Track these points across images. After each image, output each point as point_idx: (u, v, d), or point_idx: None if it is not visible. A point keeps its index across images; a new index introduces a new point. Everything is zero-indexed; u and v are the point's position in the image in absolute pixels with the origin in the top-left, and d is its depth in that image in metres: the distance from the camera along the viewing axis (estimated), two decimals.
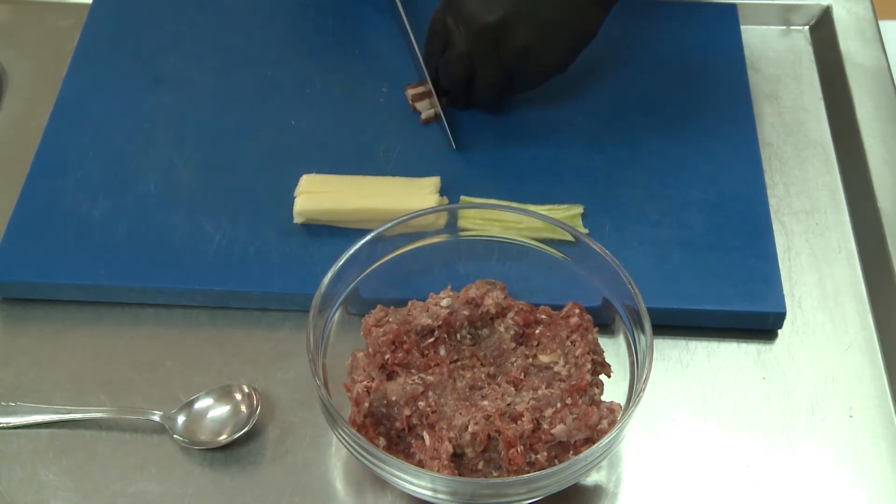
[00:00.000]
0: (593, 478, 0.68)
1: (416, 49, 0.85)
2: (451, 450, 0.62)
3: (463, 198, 0.78)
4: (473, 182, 0.80)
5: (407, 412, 0.64)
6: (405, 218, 0.70)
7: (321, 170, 0.79)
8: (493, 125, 0.84)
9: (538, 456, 0.63)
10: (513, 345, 0.68)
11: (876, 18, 0.92)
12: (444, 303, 0.68)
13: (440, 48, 0.80)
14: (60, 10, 0.94)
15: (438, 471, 0.62)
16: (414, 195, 0.77)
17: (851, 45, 0.90)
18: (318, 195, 0.77)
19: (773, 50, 0.92)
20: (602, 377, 0.67)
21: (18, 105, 0.87)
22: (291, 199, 0.77)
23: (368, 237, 0.69)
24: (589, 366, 0.66)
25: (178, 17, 0.91)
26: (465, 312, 0.68)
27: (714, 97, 0.86)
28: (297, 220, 0.77)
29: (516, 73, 0.79)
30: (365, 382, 0.64)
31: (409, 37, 0.86)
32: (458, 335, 0.68)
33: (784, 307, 0.73)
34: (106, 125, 0.84)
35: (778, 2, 0.94)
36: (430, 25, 0.81)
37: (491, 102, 0.82)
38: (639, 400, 0.62)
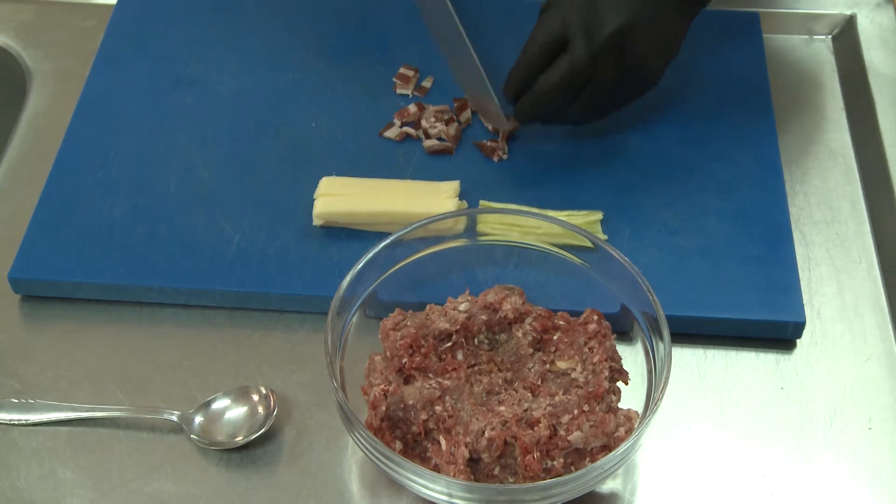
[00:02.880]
0: (609, 485, 0.67)
1: (477, 61, 0.80)
2: (467, 455, 0.62)
3: (482, 202, 0.78)
4: (493, 187, 0.80)
5: (423, 416, 0.64)
6: (424, 222, 0.70)
7: (341, 172, 0.79)
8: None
9: (554, 462, 0.63)
10: (530, 350, 0.68)
11: None
12: (462, 307, 0.68)
13: (548, 60, 0.75)
14: (84, 11, 0.94)
15: (454, 476, 0.62)
16: (433, 199, 0.77)
17: (874, 54, 0.90)
18: (338, 198, 0.77)
19: (796, 59, 0.92)
20: (619, 384, 0.67)
21: (42, 104, 0.88)
22: (311, 202, 0.77)
23: (387, 241, 0.69)
24: (606, 373, 0.66)
25: (200, 18, 0.92)
26: (483, 317, 0.68)
27: (735, 105, 0.86)
28: (317, 222, 0.77)
29: (625, 86, 0.77)
30: (382, 386, 0.64)
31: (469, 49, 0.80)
32: (476, 340, 0.68)
33: (803, 317, 0.73)
34: (128, 125, 0.84)
35: (801, 11, 0.93)
36: (541, 35, 0.75)
37: (587, 118, 0.79)
38: (656, 408, 0.62)
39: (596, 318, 0.68)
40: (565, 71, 0.74)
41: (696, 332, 0.73)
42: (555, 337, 0.68)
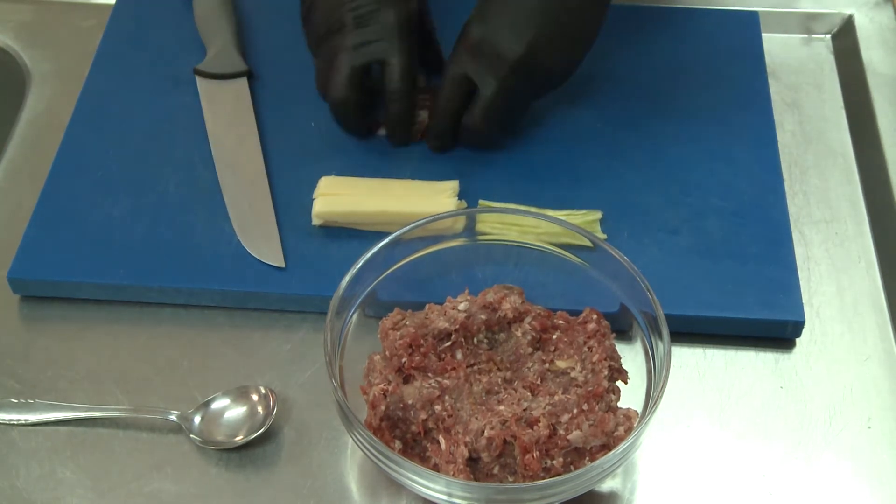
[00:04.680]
0: (608, 485, 0.67)
1: None
2: (466, 454, 0.62)
3: (481, 202, 0.78)
4: (492, 186, 0.80)
5: (423, 416, 0.64)
6: (423, 221, 0.70)
7: (340, 172, 0.79)
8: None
9: (554, 462, 0.63)
10: (529, 350, 0.68)
11: None
12: (461, 307, 0.68)
13: (462, 103, 0.78)
14: (83, 11, 0.94)
15: (454, 475, 0.62)
16: (432, 199, 0.77)
17: (873, 54, 0.90)
18: (337, 197, 0.77)
19: (795, 58, 0.92)
20: (619, 384, 0.67)
21: (41, 104, 0.88)
22: (310, 201, 0.77)
23: (386, 240, 0.69)
24: (606, 372, 0.66)
25: None
26: (483, 317, 0.68)
27: (735, 105, 0.86)
28: (316, 222, 0.77)
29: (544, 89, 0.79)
30: (381, 385, 0.64)
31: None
32: (475, 339, 0.68)
33: (803, 316, 0.73)
34: (127, 125, 0.84)
35: (800, 10, 0.93)
36: (449, 84, 0.77)
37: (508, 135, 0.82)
38: (655, 407, 0.62)
39: (595, 317, 0.68)
40: (482, 112, 0.77)
41: (696, 331, 0.73)
42: (554, 336, 0.68)
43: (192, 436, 0.68)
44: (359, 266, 0.68)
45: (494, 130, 0.79)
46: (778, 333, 0.73)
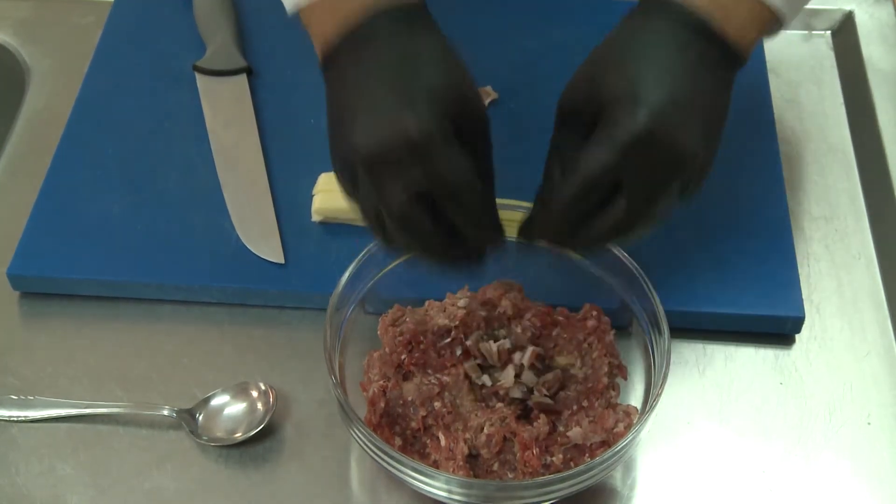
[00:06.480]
0: (608, 481, 0.67)
1: None
2: (466, 451, 0.62)
3: None
4: None
5: (422, 413, 0.64)
6: None
7: None
8: (512, 124, 0.84)
9: (553, 458, 0.63)
10: (530, 346, 0.68)
11: None
12: (461, 303, 0.68)
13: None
14: (82, 8, 0.94)
15: (453, 472, 0.62)
16: None
17: (873, 50, 0.90)
18: (337, 193, 0.76)
19: (795, 55, 0.91)
20: (619, 380, 0.67)
21: (40, 102, 0.88)
22: (310, 198, 0.77)
23: None
24: (605, 368, 0.66)
25: None
26: (482, 313, 0.67)
27: (734, 101, 0.85)
28: (315, 218, 0.77)
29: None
30: (381, 382, 0.64)
31: None
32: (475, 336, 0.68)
33: (803, 311, 0.73)
34: (126, 122, 0.84)
35: None
36: (584, 189, 0.59)
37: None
38: (655, 403, 0.62)
39: (595, 313, 0.68)
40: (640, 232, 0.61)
41: (696, 327, 0.73)
42: (554, 333, 0.68)
43: (191, 432, 0.68)
44: (358, 263, 0.68)
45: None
46: (778, 329, 0.73)
